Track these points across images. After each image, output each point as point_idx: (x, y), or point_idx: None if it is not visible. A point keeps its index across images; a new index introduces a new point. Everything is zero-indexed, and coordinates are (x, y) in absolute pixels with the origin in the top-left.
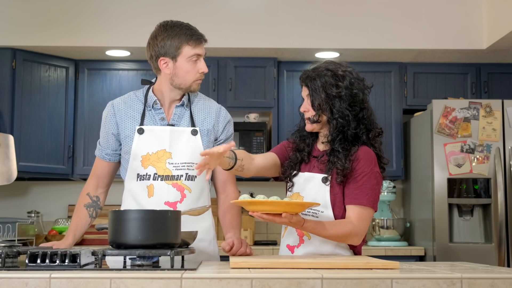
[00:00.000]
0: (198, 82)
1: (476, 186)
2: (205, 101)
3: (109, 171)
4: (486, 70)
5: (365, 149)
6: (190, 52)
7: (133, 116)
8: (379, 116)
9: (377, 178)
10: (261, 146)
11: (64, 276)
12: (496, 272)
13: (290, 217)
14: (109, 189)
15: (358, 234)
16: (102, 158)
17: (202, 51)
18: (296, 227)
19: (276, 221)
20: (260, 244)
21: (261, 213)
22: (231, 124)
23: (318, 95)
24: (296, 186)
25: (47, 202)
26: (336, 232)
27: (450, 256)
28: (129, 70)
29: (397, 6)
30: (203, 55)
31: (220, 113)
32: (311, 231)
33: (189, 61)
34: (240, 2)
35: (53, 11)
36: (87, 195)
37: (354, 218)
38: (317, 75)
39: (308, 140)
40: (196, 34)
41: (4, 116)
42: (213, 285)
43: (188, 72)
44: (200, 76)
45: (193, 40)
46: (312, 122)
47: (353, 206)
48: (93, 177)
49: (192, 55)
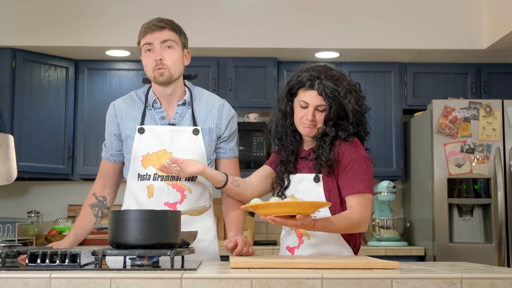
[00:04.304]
0: (159, 72)
1: (476, 186)
2: (208, 98)
3: (114, 171)
4: (486, 70)
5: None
6: (142, 43)
7: (134, 116)
8: (379, 116)
9: (366, 162)
10: (261, 146)
11: (64, 276)
12: (496, 272)
13: (303, 219)
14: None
15: (365, 221)
16: (107, 159)
17: (153, 38)
18: (308, 229)
19: (288, 224)
20: (260, 244)
21: (273, 216)
22: (235, 120)
23: (336, 111)
24: (290, 189)
25: (47, 202)
26: (345, 225)
27: (450, 256)
28: (129, 70)
29: (397, 6)
30: (155, 42)
31: (223, 109)
32: (322, 229)
33: (144, 53)
34: (240, 2)
35: (53, 11)
36: (93, 195)
37: (357, 207)
38: (343, 90)
39: (293, 146)
40: (148, 25)
41: (4, 116)
42: (213, 285)
43: (146, 64)
44: (156, 65)
45: (143, 31)
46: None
47: (352, 196)
48: (100, 178)
49: (143, 45)
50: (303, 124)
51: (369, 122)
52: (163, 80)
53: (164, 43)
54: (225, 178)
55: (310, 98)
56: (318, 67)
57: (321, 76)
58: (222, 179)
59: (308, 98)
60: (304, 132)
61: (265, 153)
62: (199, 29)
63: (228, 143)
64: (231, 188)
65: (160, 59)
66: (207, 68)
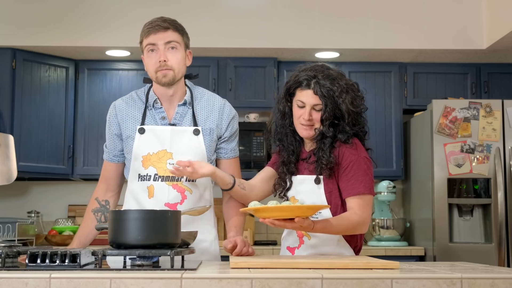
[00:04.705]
0: (162, 73)
1: (476, 186)
2: (209, 98)
3: (117, 173)
4: (486, 70)
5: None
6: (145, 43)
7: (134, 116)
8: (379, 116)
9: (366, 163)
10: (261, 146)
11: (64, 276)
12: (496, 272)
13: (302, 221)
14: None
15: (365, 223)
16: (110, 160)
17: (157, 39)
18: (307, 231)
19: (287, 227)
20: (260, 244)
21: (272, 219)
22: (236, 120)
23: (333, 109)
24: (291, 190)
25: (47, 202)
26: (344, 226)
27: (450, 256)
28: (129, 70)
29: (397, 6)
30: (159, 43)
31: (224, 109)
32: (321, 231)
33: (147, 53)
34: (240, 2)
35: (53, 11)
36: (96, 200)
37: (357, 208)
38: (338, 89)
39: (293, 146)
40: (152, 25)
41: (4, 116)
42: (213, 285)
43: (148, 64)
44: (160, 66)
45: (147, 30)
46: (315, 132)
47: (352, 197)
48: (102, 181)
49: (146, 46)
50: (301, 126)
51: (369, 122)
52: (166, 81)
53: (168, 44)
54: (233, 181)
55: (306, 98)
56: (316, 66)
57: (318, 76)
58: (230, 181)
59: (304, 98)
60: (302, 134)
61: (265, 153)
62: (199, 29)
63: (229, 143)
64: (237, 190)
65: (164, 60)
66: (207, 68)
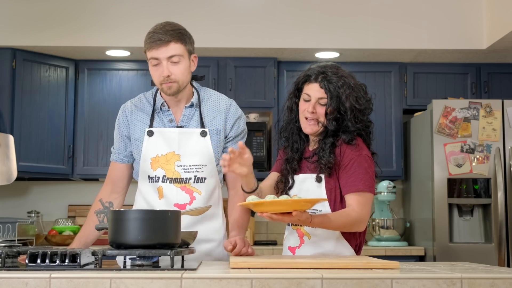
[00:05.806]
0: (167, 86)
1: (476, 186)
2: (216, 99)
3: (124, 174)
4: (486, 70)
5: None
6: (148, 56)
7: (143, 119)
8: (379, 116)
9: (367, 162)
10: (261, 146)
11: (64, 276)
12: (496, 272)
13: (300, 215)
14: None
15: (363, 220)
16: (120, 161)
17: (159, 54)
18: (305, 224)
19: (285, 220)
20: (260, 244)
21: (270, 213)
22: (242, 120)
23: (337, 105)
24: (293, 189)
25: (47, 202)
26: (342, 222)
27: (450, 256)
28: (129, 70)
29: (397, 6)
30: (162, 58)
31: (230, 110)
32: (319, 225)
33: (151, 65)
34: (240, 2)
35: (53, 11)
36: (99, 201)
37: (355, 205)
38: (345, 86)
39: (298, 144)
40: (154, 38)
41: (4, 116)
42: (213, 285)
43: (153, 76)
44: (164, 80)
45: (148, 44)
46: (319, 126)
47: (351, 194)
48: (108, 183)
49: (149, 59)
50: (305, 121)
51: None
52: (171, 93)
53: (171, 59)
54: (257, 184)
55: (312, 91)
56: (327, 64)
57: (327, 72)
58: (255, 184)
59: (310, 91)
60: (306, 130)
61: (265, 153)
62: (199, 29)
63: (235, 143)
64: (255, 194)
65: (168, 75)
66: (207, 68)
